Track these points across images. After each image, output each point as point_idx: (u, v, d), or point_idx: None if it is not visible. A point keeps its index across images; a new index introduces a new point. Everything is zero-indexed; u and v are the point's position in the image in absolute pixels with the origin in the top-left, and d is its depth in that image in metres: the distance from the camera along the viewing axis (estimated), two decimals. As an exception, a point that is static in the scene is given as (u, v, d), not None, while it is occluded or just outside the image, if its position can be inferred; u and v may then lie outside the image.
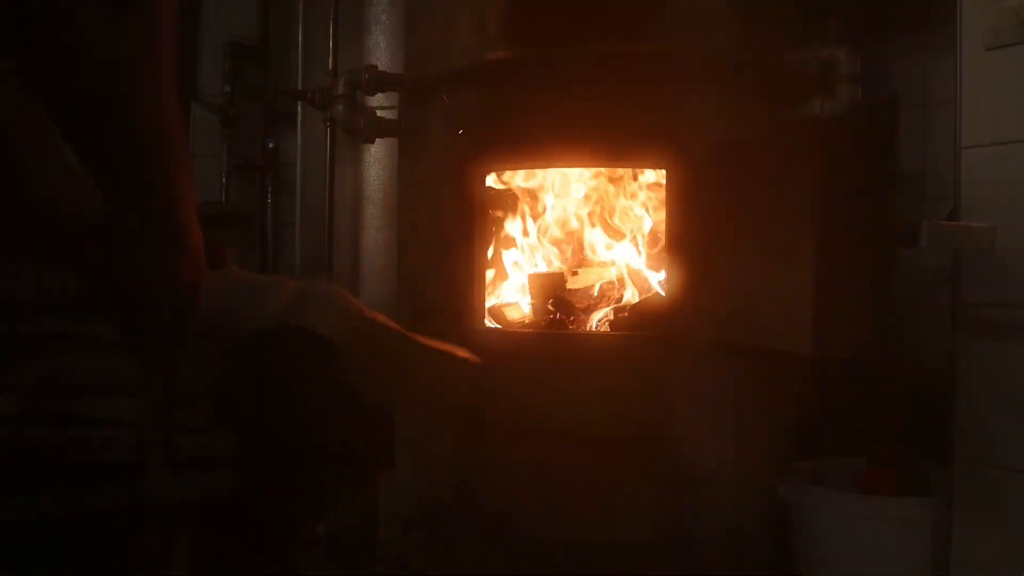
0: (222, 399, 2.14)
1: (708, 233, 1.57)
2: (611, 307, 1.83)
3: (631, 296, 1.86)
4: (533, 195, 1.94)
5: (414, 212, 1.86)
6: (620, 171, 1.87)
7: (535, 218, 1.95)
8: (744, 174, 1.50)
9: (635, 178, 1.89)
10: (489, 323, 1.80)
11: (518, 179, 1.92)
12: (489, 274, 1.85)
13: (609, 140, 1.63)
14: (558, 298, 1.85)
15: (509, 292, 1.97)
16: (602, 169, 1.88)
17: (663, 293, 1.76)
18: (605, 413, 1.63)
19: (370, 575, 1.97)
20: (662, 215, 1.78)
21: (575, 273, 1.93)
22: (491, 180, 1.85)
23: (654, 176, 1.85)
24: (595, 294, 1.89)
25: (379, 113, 2.00)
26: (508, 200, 1.93)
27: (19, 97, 0.88)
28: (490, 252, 1.87)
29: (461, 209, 1.72)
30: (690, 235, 1.60)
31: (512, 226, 1.95)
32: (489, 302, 1.84)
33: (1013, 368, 1.40)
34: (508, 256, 1.96)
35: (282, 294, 1.00)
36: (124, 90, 0.79)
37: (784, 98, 1.70)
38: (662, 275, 1.80)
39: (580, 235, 1.96)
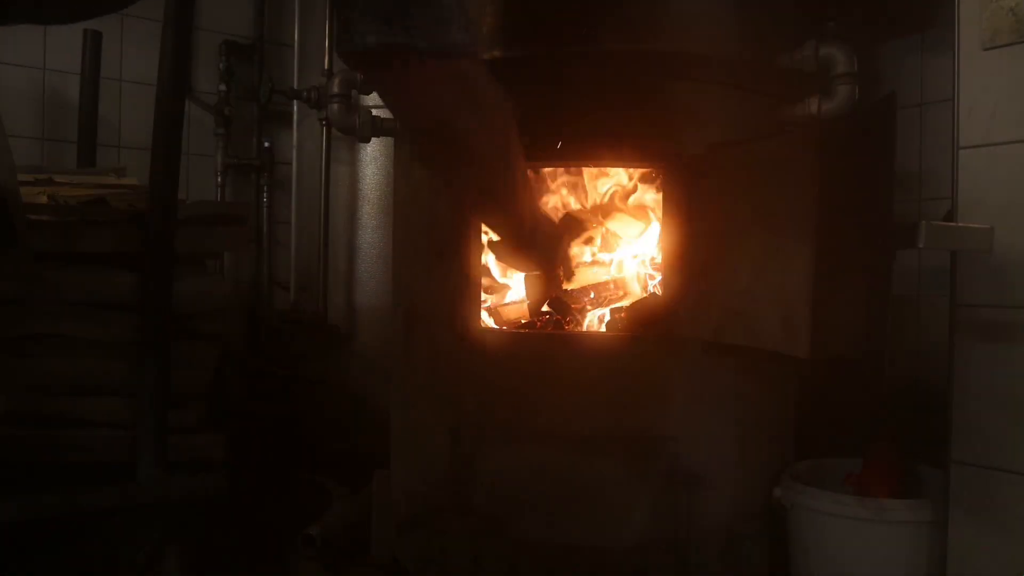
0: (216, 400, 2.12)
1: (705, 233, 1.56)
2: (608, 307, 1.83)
3: (628, 295, 1.86)
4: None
5: (410, 211, 1.85)
6: (618, 170, 1.87)
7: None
8: (741, 173, 1.49)
9: (632, 177, 1.89)
10: (485, 323, 1.79)
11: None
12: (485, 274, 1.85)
13: (606, 139, 1.63)
14: (554, 298, 1.84)
15: (506, 292, 1.96)
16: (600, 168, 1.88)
17: (659, 293, 1.75)
18: (601, 414, 1.62)
19: (365, 576, 1.97)
20: (659, 215, 1.77)
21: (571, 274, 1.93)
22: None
23: (651, 176, 1.85)
24: (592, 294, 1.88)
25: (375, 112, 1.99)
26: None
27: None
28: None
29: (457, 208, 1.71)
30: (687, 235, 1.59)
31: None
32: (485, 302, 1.83)
33: (1010, 369, 1.39)
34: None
35: None
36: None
37: (782, 97, 1.70)
38: (659, 275, 1.79)
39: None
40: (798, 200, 1.27)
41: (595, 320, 1.83)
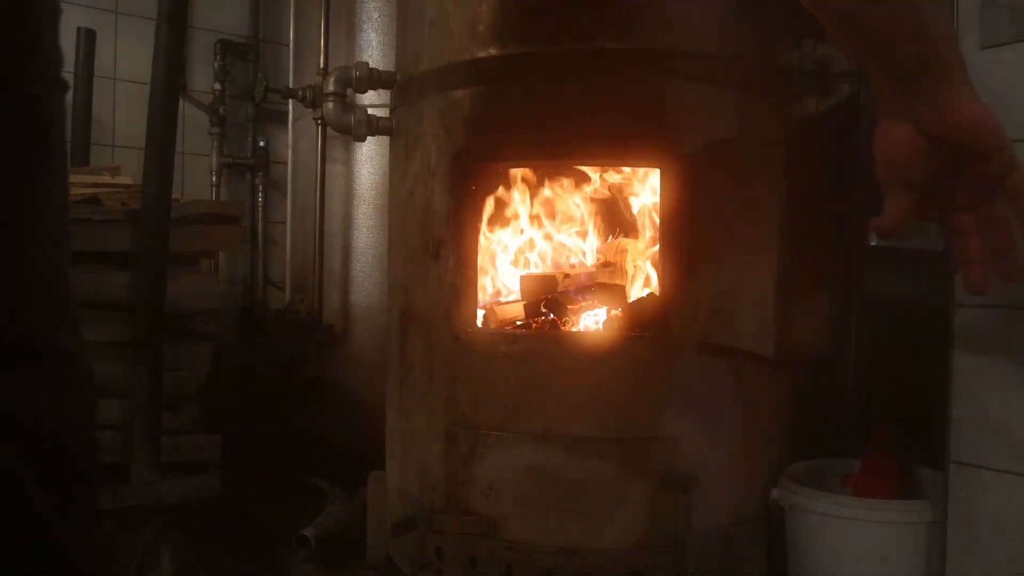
0: (211, 400, 2.11)
1: (697, 232, 1.56)
2: (604, 307, 1.82)
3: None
4: (526, 195, 1.92)
5: (406, 211, 1.84)
6: (614, 171, 1.86)
7: (527, 218, 1.94)
8: (729, 171, 1.49)
9: (628, 177, 1.88)
10: (480, 324, 1.78)
11: (513, 177, 1.91)
12: (482, 274, 1.84)
13: (602, 139, 1.62)
14: (551, 299, 1.84)
15: (503, 293, 1.95)
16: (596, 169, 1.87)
17: (656, 293, 1.75)
18: (597, 414, 1.61)
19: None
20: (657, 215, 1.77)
21: (567, 275, 1.92)
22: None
23: (647, 175, 1.84)
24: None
25: (371, 111, 1.98)
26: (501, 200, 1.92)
27: None
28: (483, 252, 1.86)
29: (453, 208, 1.70)
30: (680, 234, 1.58)
31: (505, 226, 1.94)
32: (481, 302, 1.83)
33: (1007, 370, 1.39)
34: (501, 256, 1.95)
35: None
36: None
37: (781, 96, 1.69)
38: (654, 275, 1.79)
39: (573, 235, 1.95)
40: (770, 197, 1.27)
41: (591, 320, 1.83)
